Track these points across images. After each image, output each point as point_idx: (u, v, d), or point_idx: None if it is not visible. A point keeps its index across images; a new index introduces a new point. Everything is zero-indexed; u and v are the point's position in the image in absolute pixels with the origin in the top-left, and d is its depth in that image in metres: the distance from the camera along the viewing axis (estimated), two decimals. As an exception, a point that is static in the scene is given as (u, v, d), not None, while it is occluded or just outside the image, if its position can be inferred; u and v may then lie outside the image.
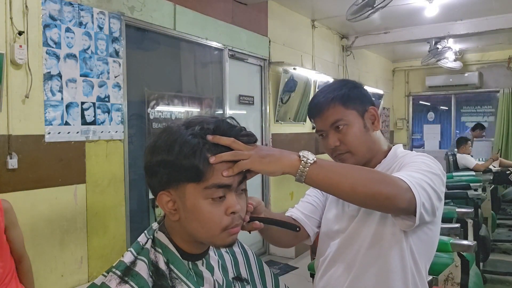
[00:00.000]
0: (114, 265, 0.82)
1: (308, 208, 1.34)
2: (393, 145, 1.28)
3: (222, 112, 4.02)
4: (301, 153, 0.90)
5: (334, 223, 1.25)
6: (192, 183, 0.80)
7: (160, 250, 0.85)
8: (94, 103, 2.76)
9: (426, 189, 1.00)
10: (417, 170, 1.05)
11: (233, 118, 0.88)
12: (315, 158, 0.90)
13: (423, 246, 1.15)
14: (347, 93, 1.21)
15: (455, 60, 7.02)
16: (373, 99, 1.29)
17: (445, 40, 6.01)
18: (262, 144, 4.62)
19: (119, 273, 0.80)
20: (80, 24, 2.68)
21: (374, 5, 3.62)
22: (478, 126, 6.89)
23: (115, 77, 2.90)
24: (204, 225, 0.82)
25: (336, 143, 1.20)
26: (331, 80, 5.57)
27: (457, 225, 2.34)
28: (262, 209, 1.07)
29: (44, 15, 2.48)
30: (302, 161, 0.89)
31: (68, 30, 2.61)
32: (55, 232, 2.55)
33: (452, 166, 5.89)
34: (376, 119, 1.24)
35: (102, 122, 2.81)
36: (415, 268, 1.14)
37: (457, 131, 8.38)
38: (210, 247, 0.92)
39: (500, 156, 6.45)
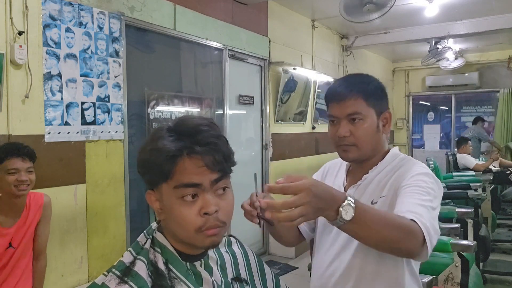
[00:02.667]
0: (114, 265, 0.82)
1: None
2: (391, 148, 1.31)
3: (222, 112, 4.02)
4: (341, 208, 0.85)
5: None
6: (164, 182, 0.81)
7: (159, 250, 0.85)
8: (94, 103, 2.76)
9: (435, 226, 1.02)
10: (424, 203, 1.05)
11: (213, 123, 0.85)
12: (353, 214, 0.86)
13: None
14: (372, 90, 1.23)
15: (456, 58, 7.02)
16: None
17: (445, 40, 6.01)
18: (262, 144, 4.62)
19: (118, 273, 0.80)
20: (80, 24, 2.68)
21: (373, 2, 3.59)
22: (479, 119, 7.09)
23: (115, 77, 2.90)
24: (179, 226, 0.81)
25: (346, 134, 1.21)
26: (331, 80, 5.57)
27: (457, 225, 2.34)
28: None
29: (44, 15, 2.48)
30: (340, 216, 0.86)
31: (68, 30, 2.61)
32: (55, 232, 2.55)
33: (452, 166, 5.90)
34: (388, 123, 1.27)
35: (102, 122, 2.81)
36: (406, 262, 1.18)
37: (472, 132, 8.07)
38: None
39: (501, 155, 6.46)
